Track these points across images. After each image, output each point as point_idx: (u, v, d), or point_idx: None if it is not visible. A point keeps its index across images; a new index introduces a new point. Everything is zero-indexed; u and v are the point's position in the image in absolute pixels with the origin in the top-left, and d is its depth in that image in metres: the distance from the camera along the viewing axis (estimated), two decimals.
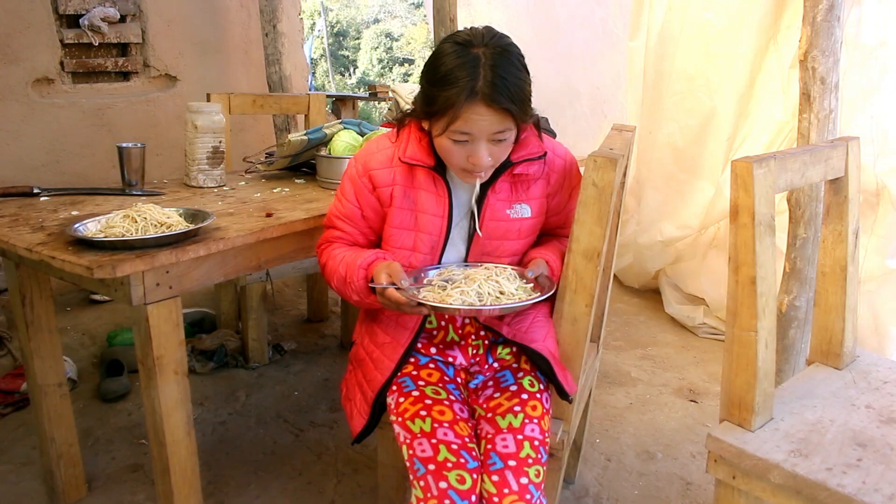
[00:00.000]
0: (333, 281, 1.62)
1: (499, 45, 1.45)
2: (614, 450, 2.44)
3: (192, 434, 1.72)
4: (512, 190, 1.62)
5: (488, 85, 1.40)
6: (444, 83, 1.43)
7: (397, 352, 1.60)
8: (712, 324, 3.43)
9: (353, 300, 1.60)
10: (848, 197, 1.64)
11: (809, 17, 2.30)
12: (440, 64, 1.46)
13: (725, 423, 1.46)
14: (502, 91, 1.40)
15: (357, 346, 1.75)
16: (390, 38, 18.77)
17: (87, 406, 2.66)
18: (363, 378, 1.65)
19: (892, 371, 1.70)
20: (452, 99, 1.41)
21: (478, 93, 1.40)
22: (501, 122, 1.43)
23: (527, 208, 1.63)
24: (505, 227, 1.62)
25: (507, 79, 1.41)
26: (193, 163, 2.24)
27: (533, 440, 1.43)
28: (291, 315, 3.63)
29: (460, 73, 1.41)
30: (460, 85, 1.40)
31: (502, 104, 1.40)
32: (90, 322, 3.45)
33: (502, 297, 1.46)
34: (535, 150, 1.60)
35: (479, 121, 1.42)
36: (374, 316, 1.73)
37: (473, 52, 1.43)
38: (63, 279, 1.67)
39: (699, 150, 3.39)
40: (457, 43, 1.46)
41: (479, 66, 1.41)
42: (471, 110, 1.41)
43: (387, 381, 1.57)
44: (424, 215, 1.59)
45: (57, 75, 3.61)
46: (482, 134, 1.44)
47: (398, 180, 1.60)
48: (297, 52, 4.67)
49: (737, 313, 1.41)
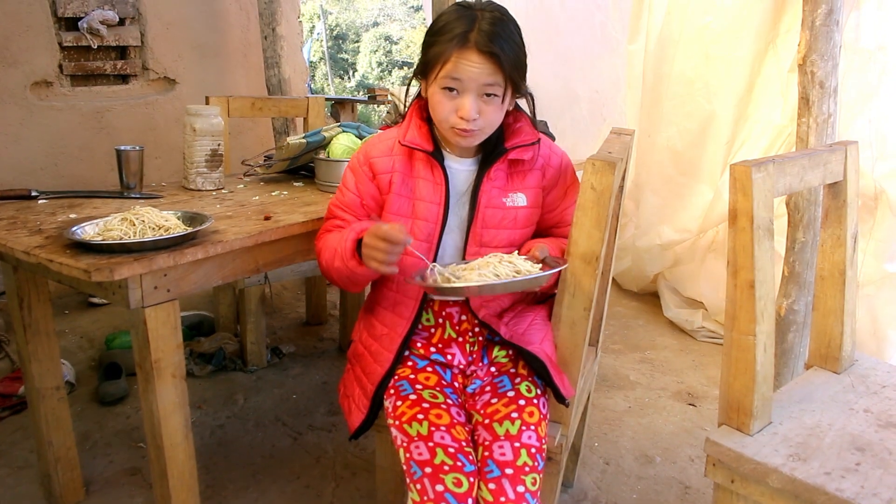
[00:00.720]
0: (324, 256, 1.63)
1: (497, 10, 1.53)
2: (613, 453, 2.44)
3: (189, 437, 1.72)
4: (507, 178, 1.65)
5: (482, 34, 1.46)
6: (441, 32, 1.51)
7: (395, 342, 1.61)
8: (711, 327, 3.43)
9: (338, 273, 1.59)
10: (846, 201, 1.64)
11: (808, 22, 2.30)
12: (440, 20, 1.54)
13: (724, 427, 1.46)
14: (495, 41, 1.47)
15: (355, 342, 1.75)
16: (389, 41, 18.77)
17: (85, 409, 2.65)
18: (362, 372, 1.65)
19: (890, 375, 1.70)
20: (445, 44, 1.48)
21: (470, 40, 1.46)
22: (492, 73, 1.48)
23: (522, 197, 1.66)
24: (501, 215, 1.64)
25: (502, 34, 1.49)
26: (192, 166, 2.24)
27: (530, 448, 1.43)
28: (290, 318, 3.63)
29: (457, 24, 1.49)
30: (455, 32, 1.48)
31: (492, 49, 1.46)
32: (88, 325, 3.45)
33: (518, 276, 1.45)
34: (529, 137, 1.64)
35: (470, 67, 1.47)
36: (371, 309, 1.74)
37: (473, 11, 1.52)
38: (61, 282, 1.67)
39: (698, 153, 3.39)
40: (459, 5, 1.55)
41: (476, 20, 1.49)
42: (462, 56, 1.47)
43: (387, 373, 1.58)
44: (422, 202, 1.62)
45: (55, 78, 3.61)
46: (472, 82, 1.49)
47: (397, 167, 1.64)
48: (296, 56, 4.67)
49: (735, 317, 1.41)
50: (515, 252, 1.57)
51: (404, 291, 1.64)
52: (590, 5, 4.15)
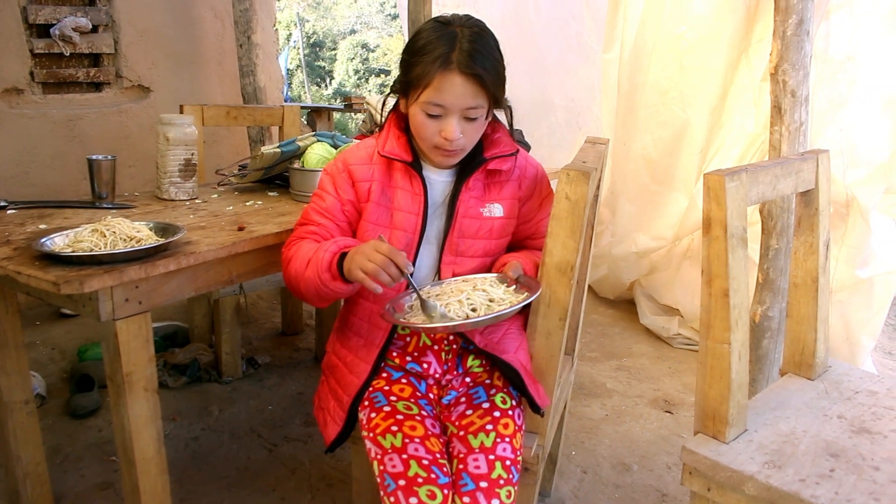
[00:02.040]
0: (294, 265, 1.57)
1: (476, 26, 1.53)
2: (590, 462, 2.44)
3: (162, 452, 1.69)
4: (485, 189, 1.66)
5: (464, 55, 1.45)
6: (421, 52, 1.49)
7: (372, 353, 1.60)
8: (687, 334, 3.44)
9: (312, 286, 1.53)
10: (819, 209, 1.66)
11: (780, 32, 2.33)
12: (419, 38, 1.53)
13: (700, 436, 1.47)
14: (477, 61, 1.46)
15: (329, 353, 1.74)
16: (366, 48, 18.78)
17: (56, 422, 2.61)
18: (336, 384, 1.64)
19: (863, 381, 1.72)
20: (428, 66, 1.47)
21: (453, 61, 1.45)
22: (474, 94, 1.48)
23: (499, 207, 1.66)
24: (478, 225, 1.64)
25: (483, 52, 1.48)
26: (165, 175, 2.22)
27: (504, 460, 1.42)
28: (266, 328, 3.60)
29: (437, 44, 1.47)
30: (436, 53, 1.46)
31: (476, 71, 1.46)
32: (60, 336, 3.40)
33: (493, 304, 1.46)
34: (508, 148, 1.65)
35: (453, 90, 1.46)
36: (346, 320, 1.72)
37: (452, 28, 1.50)
38: (30, 294, 1.64)
39: (673, 161, 3.41)
40: (437, 21, 1.54)
41: (456, 39, 1.47)
42: (445, 79, 1.46)
43: (363, 385, 1.56)
44: (400, 212, 1.61)
45: (27, 86, 3.56)
46: (455, 106, 1.48)
47: (377, 177, 1.63)
48: (271, 64, 4.64)
49: (710, 325, 1.41)
50: (489, 276, 1.58)
51: (381, 300, 1.61)
52: (565, 15, 4.17)
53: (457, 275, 1.62)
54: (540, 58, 4.30)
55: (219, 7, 4.31)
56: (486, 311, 1.44)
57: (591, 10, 3.99)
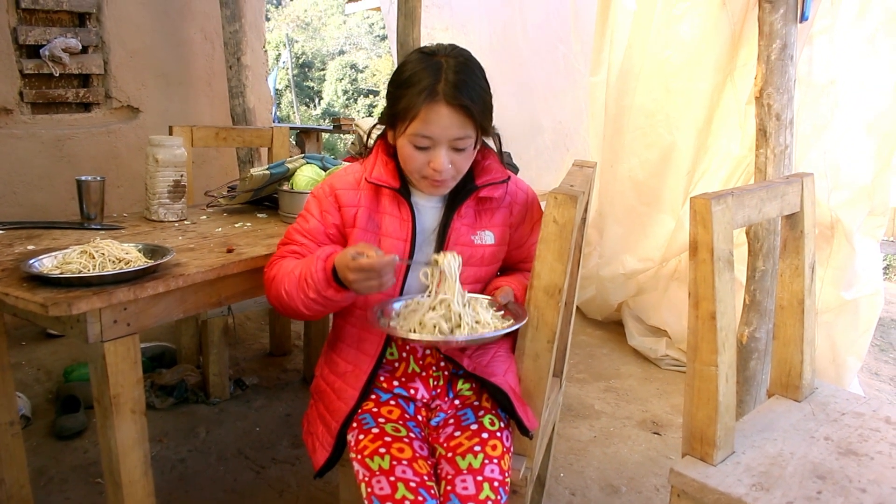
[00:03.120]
0: (284, 285, 1.54)
1: (461, 55, 1.52)
2: (579, 484, 2.44)
3: (149, 474, 1.68)
4: (476, 216, 1.65)
5: (450, 85, 1.45)
6: (407, 84, 1.49)
7: (360, 380, 1.59)
8: (675, 355, 3.46)
9: (306, 303, 1.52)
10: (804, 232, 1.68)
11: (764, 56, 2.36)
12: (404, 69, 1.52)
13: (688, 458, 1.47)
14: (463, 91, 1.46)
15: (317, 378, 1.73)
16: (355, 69, 18.87)
17: (41, 444, 2.58)
18: (325, 410, 1.63)
19: (849, 403, 1.73)
20: (414, 98, 1.46)
21: (439, 92, 1.45)
22: (462, 125, 1.48)
23: (490, 235, 1.66)
24: (469, 253, 1.63)
25: (469, 83, 1.48)
26: (154, 196, 2.22)
27: (493, 481, 1.42)
28: (253, 349, 3.59)
29: (423, 75, 1.47)
30: (422, 85, 1.46)
31: (462, 102, 1.45)
32: (46, 357, 3.37)
33: (478, 326, 1.46)
34: (499, 175, 1.65)
35: (439, 121, 1.46)
36: (334, 346, 1.72)
37: (437, 59, 1.50)
38: (17, 316, 1.64)
39: (659, 183, 3.44)
40: (422, 52, 1.54)
41: (441, 69, 1.47)
42: (431, 110, 1.45)
43: (351, 411, 1.56)
44: (388, 238, 1.61)
45: (16, 105, 3.56)
46: (443, 137, 1.48)
47: (363, 202, 1.63)
48: (261, 85, 4.66)
49: (697, 348, 1.43)
50: (480, 296, 1.58)
51: (368, 328, 1.63)
52: (552, 38, 4.21)
53: None
54: (528, 80, 4.34)
55: (208, 28, 4.33)
56: (469, 331, 1.45)
57: (579, 33, 4.04)
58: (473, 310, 1.50)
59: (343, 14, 19.53)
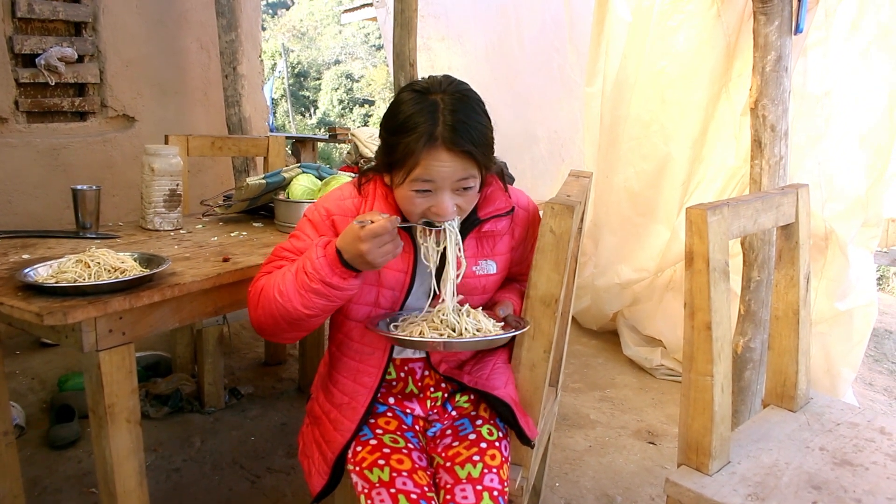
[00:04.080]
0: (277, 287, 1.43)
1: (457, 91, 1.44)
2: (574, 494, 2.43)
3: (144, 484, 1.67)
4: (478, 246, 1.59)
5: (448, 129, 1.37)
6: (403, 130, 1.40)
7: (357, 412, 1.54)
8: (670, 365, 3.46)
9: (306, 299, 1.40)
10: (799, 242, 1.68)
11: (759, 67, 2.37)
12: (398, 112, 1.43)
13: (683, 468, 1.47)
14: (463, 134, 1.37)
15: (313, 401, 1.70)
16: (351, 79, 18.89)
17: (35, 454, 2.57)
18: (321, 438, 1.59)
19: (844, 413, 1.73)
20: (412, 146, 1.37)
21: (437, 137, 1.37)
22: (464, 168, 1.40)
23: (492, 265, 1.60)
24: (471, 285, 1.59)
25: (468, 122, 1.39)
26: (150, 206, 2.22)
27: (492, 490, 1.41)
28: (249, 358, 3.58)
29: (419, 119, 1.38)
30: (419, 131, 1.37)
31: (463, 147, 1.37)
32: (40, 366, 3.36)
33: (479, 334, 1.45)
34: (503, 206, 1.58)
35: (441, 167, 1.38)
36: (330, 375, 1.66)
37: (432, 98, 1.41)
38: (12, 325, 1.63)
39: (655, 193, 3.45)
40: (414, 91, 1.44)
41: (437, 111, 1.39)
42: (431, 156, 1.37)
43: (347, 443, 1.52)
44: (388, 270, 1.54)
45: (11, 114, 3.56)
46: (445, 182, 1.40)
47: None
48: (256, 94, 4.67)
49: (693, 358, 1.43)
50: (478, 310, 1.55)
51: (367, 361, 1.58)
52: (548, 49, 4.24)
53: None
54: (523, 90, 4.36)
55: (204, 38, 4.34)
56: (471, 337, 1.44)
57: (574, 44, 4.06)
58: (474, 318, 1.49)
59: (339, 24, 19.57)
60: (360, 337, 1.59)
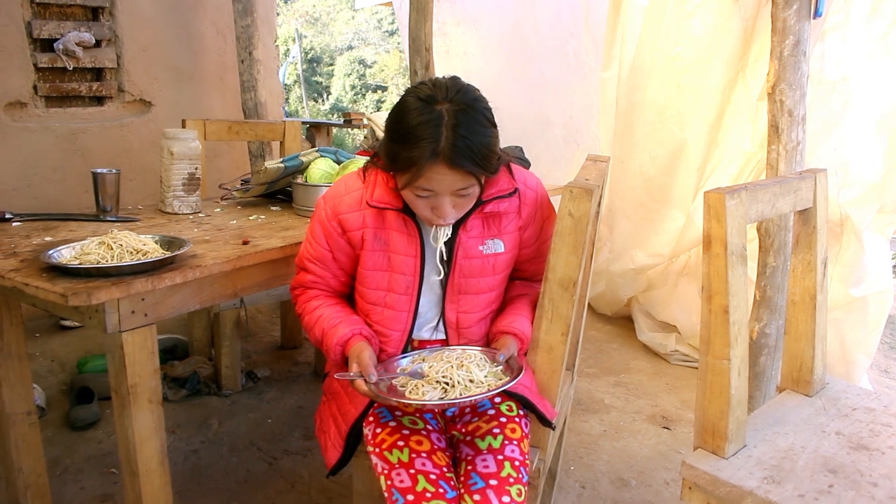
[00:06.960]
0: (310, 335, 1.65)
1: (463, 102, 1.44)
2: (589, 477, 2.45)
3: (165, 464, 1.70)
4: (484, 226, 1.62)
5: (450, 147, 1.39)
6: (407, 142, 1.43)
7: None
8: (684, 351, 3.46)
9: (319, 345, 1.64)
10: (816, 227, 1.68)
11: (777, 52, 2.36)
12: (403, 121, 1.45)
13: (699, 451, 1.48)
14: (464, 153, 1.40)
15: (330, 377, 1.73)
16: (363, 64, 18.84)
17: (55, 434, 2.61)
18: (337, 411, 1.64)
19: (860, 398, 1.74)
20: (415, 159, 1.41)
21: (439, 154, 1.40)
22: (464, 179, 1.44)
23: (500, 243, 1.63)
24: (479, 264, 1.62)
25: (470, 139, 1.41)
26: (169, 189, 2.24)
27: (514, 460, 1.43)
28: (265, 342, 3.61)
29: (423, 132, 1.40)
30: (422, 146, 1.40)
31: (464, 166, 1.41)
32: (59, 348, 3.40)
33: (471, 386, 1.45)
34: (506, 187, 1.59)
35: (442, 180, 1.43)
36: None
37: (437, 108, 1.42)
38: (35, 306, 1.65)
39: (670, 179, 3.44)
40: (420, 98, 1.45)
41: (441, 125, 1.40)
42: (433, 170, 1.41)
43: (361, 415, 1.56)
44: (397, 255, 1.59)
45: (30, 99, 3.58)
46: (445, 190, 1.46)
47: (368, 223, 1.59)
48: (272, 79, 4.68)
49: (710, 342, 1.43)
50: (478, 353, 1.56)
51: (386, 343, 1.64)
52: (563, 33, 4.21)
53: (461, 313, 1.64)
54: (539, 75, 4.34)
55: (220, 23, 4.35)
56: (461, 390, 1.43)
57: (590, 29, 4.03)
58: (467, 370, 1.48)
59: (352, 9, 19.51)
60: (378, 319, 1.63)
